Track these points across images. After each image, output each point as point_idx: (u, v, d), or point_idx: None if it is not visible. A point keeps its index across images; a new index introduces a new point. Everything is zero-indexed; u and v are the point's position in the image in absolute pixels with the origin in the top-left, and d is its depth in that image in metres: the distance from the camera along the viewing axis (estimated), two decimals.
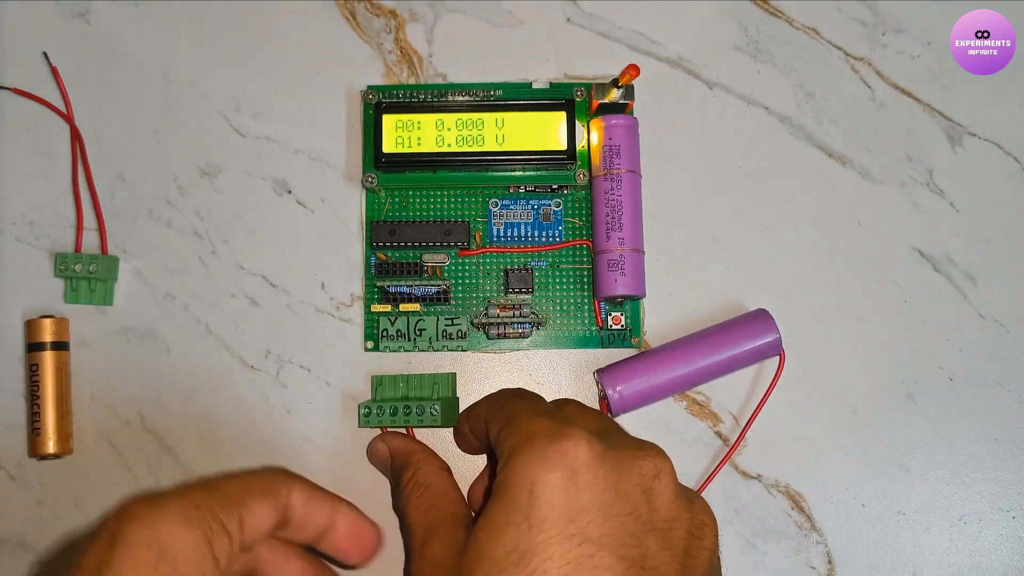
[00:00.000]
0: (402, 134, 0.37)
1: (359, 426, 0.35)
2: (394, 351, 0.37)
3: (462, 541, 0.28)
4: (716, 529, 0.28)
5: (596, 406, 0.36)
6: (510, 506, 0.25)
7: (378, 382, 0.36)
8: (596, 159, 0.36)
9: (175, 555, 0.23)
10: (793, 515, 0.36)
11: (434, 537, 0.29)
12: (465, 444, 0.35)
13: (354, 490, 0.36)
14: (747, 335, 0.35)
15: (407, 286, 0.37)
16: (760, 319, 0.36)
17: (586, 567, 0.24)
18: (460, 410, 0.36)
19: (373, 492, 0.36)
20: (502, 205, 0.38)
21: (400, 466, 0.34)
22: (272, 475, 0.28)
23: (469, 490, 0.34)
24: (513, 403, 0.29)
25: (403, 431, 0.36)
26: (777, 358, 0.36)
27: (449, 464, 0.34)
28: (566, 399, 0.32)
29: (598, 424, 0.29)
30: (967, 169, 0.39)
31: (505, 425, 0.28)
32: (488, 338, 0.37)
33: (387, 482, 0.36)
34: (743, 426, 0.36)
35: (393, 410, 0.34)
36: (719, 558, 0.28)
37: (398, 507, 0.33)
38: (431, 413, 0.34)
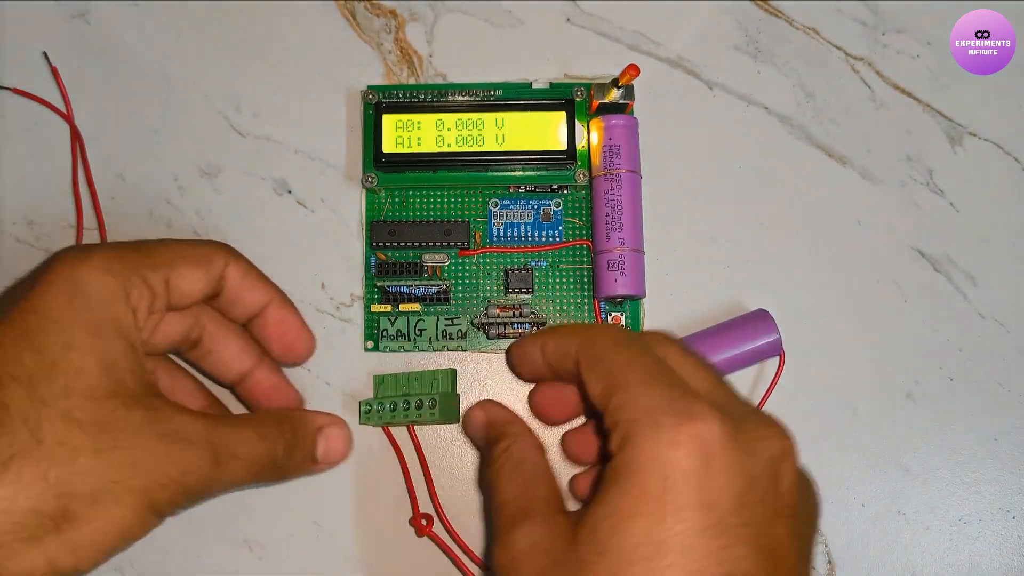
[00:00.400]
0: (402, 134, 0.37)
1: (359, 423, 0.35)
2: (394, 351, 0.37)
3: (564, 528, 0.25)
4: (820, 510, 0.27)
5: None
6: (638, 495, 0.23)
7: (380, 380, 0.36)
8: (596, 159, 0.36)
9: (90, 294, 0.26)
10: None
11: (530, 520, 0.27)
12: (525, 366, 0.31)
13: (354, 489, 0.36)
14: (747, 335, 0.35)
15: (407, 286, 0.37)
16: (760, 319, 0.36)
17: (722, 560, 0.23)
18: (460, 408, 0.36)
19: (373, 491, 0.36)
20: (502, 205, 0.38)
21: (496, 436, 0.31)
22: (211, 247, 0.30)
23: (563, 441, 0.33)
24: (617, 357, 0.26)
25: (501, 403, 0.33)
26: (777, 358, 0.36)
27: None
28: (651, 333, 0.29)
29: (714, 387, 0.27)
30: (967, 169, 0.39)
31: (615, 390, 0.25)
32: (488, 338, 0.37)
33: (387, 482, 0.36)
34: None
35: (393, 406, 0.34)
36: (816, 523, 0.28)
37: (485, 480, 0.30)
38: (430, 407, 0.34)
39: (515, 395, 0.37)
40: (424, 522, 0.34)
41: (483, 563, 0.35)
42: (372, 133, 0.37)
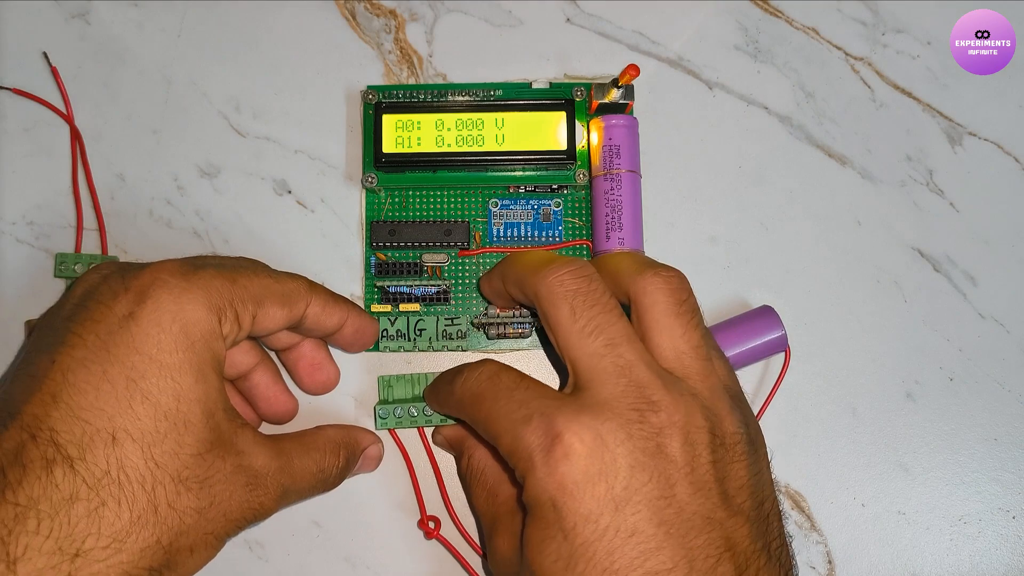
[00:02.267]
0: (402, 134, 0.37)
1: (376, 428, 0.35)
2: (394, 351, 0.37)
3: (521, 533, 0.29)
4: (739, 434, 0.27)
5: None
6: (541, 524, 0.26)
7: (386, 382, 0.36)
8: (596, 159, 0.36)
9: (193, 333, 0.27)
10: (793, 515, 0.36)
11: (498, 529, 0.30)
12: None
13: (363, 491, 0.36)
14: (753, 332, 0.35)
15: (407, 286, 0.37)
16: (765, 315, 0.36)
17: (627, 550, 0.25)
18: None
19: (383, 493, 0.36)
20: (502, 205, 0.38)
21: (456, 454, 0.35)
22: (295, 285, 0.31)
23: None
24: (481, 413, 0.29)
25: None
26: (782, 355, 0.36)
27: None
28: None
29: (581, 375, 0.27)
30: (967, 169, 0.39)
31: (496, 441, 0.28)
32: (488, 338, 0.37)
33: (396, 484, 0.36)
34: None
35: (412, 411, 0.34)
36: (757, 453, 0.28)
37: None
38: None
39: None
40: (432, 524, 0.34)
41: None
42: (372, 133, 0.37)
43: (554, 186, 0.37)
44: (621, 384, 0.27)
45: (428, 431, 0.36)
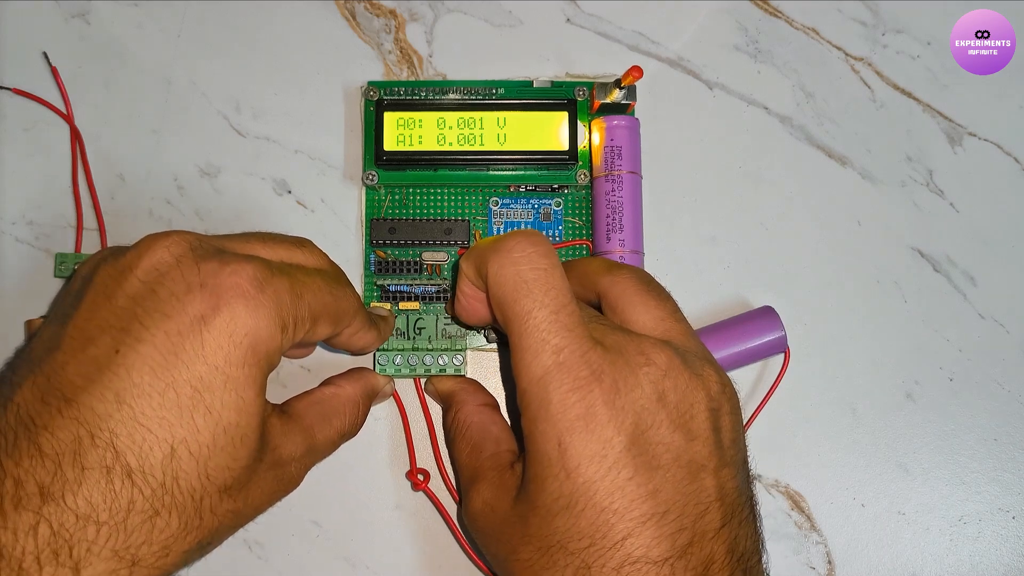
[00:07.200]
0: (403, 132, 0.36)
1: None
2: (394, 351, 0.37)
3: (509, 483, 0.29)
4: (729, 389, 0.29)
5: None
6: (544, 461, 0.26)
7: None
8: (597, 160, 0.36)
9: (260, 349, 0.26)
10: (793, 515, 0.36)
11: (481, 481, 0.30)
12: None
13: (354, 486, 0.36)
14: (753, 332, 0.35)
15: (407, 285, 0.37)
16: (766, 316, 0.36)
17: (628, 491, 0.25)
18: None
19: (372, 489, 0.36)
20: (502, 204, 0.38)
21: (444, 407, 0.35)
22: (347, 305, 0.30)
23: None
24: (510, 322, 0.28)
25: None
26: (781, 356, 0.36)
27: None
28: (538, 283, 0.28)
29: (593, 320, 0.28)
30: (967, 169, 0.39)
31: (512, 354, 0.28)
32: (488, 341, 0.37)
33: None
34: (744, 424, 0.36)
35: (411, 360, 0.35)
36: (740, 412, 0.29)
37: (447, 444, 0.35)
38: (454, 363, 0.35)
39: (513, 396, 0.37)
40: (420, 477, 0.35)
41: None
42: (373, 130, 0.37)
43: (555, 186, 0.37)
44: (621, 338, 0.28)
45: (424, 383, 0.36)
